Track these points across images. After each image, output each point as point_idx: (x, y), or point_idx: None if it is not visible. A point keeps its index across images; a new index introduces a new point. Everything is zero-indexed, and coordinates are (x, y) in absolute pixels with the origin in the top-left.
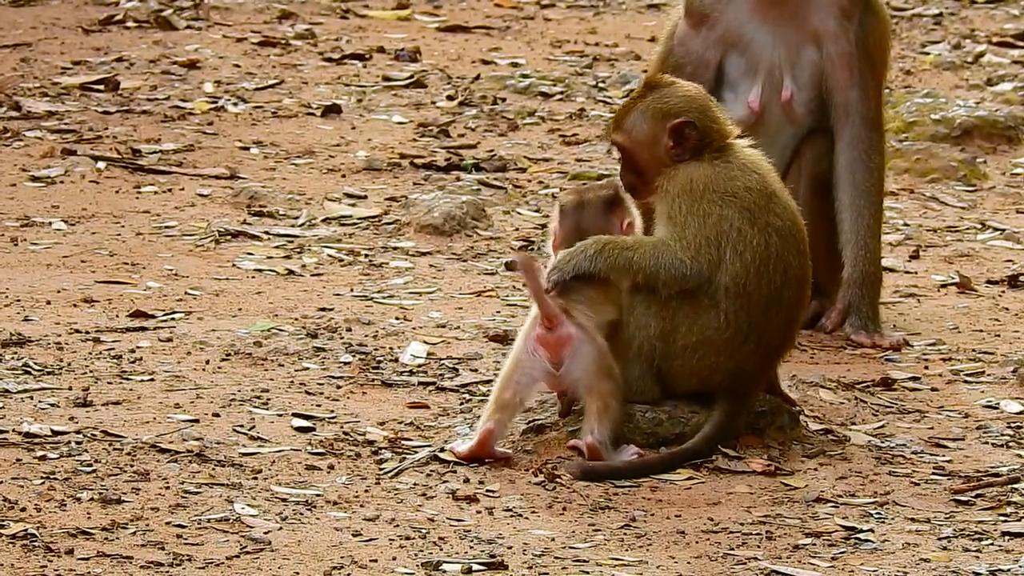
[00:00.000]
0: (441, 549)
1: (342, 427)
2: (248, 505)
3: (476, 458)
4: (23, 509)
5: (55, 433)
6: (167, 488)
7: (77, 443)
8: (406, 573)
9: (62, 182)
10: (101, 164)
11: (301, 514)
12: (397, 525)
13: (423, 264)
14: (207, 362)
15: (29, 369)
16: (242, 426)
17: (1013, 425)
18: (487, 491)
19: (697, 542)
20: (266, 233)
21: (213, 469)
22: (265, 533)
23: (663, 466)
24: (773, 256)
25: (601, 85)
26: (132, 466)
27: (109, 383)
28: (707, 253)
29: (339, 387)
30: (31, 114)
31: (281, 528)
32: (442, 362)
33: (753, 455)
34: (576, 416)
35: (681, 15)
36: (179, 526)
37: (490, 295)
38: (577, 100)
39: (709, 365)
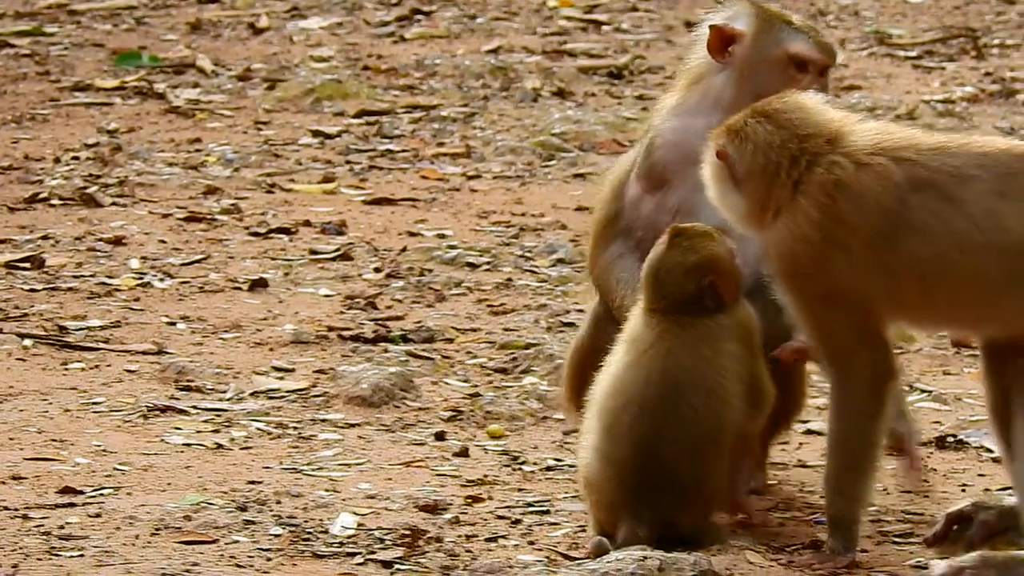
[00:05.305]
0: None
1: None
2: None
3: None
4: None
5: None
6: None
7: None
8: None
9: None
10: (27, 342)
11: None
12: None
13: (352, 436)
14: (136, 537)
15: None
16: None
17: None
18: None
19: None
20: (194, 408)
21: None
22: None
23: None
24: None
25: (528, 255)
26: None
27: (39, 559)
28: None
29: (269, 559)
30: None
31: None
32: (372, 533)
33: None
34: None
35: (631, 178)
36: None
37: (420, 465)
38: (504, 270)
39: None
